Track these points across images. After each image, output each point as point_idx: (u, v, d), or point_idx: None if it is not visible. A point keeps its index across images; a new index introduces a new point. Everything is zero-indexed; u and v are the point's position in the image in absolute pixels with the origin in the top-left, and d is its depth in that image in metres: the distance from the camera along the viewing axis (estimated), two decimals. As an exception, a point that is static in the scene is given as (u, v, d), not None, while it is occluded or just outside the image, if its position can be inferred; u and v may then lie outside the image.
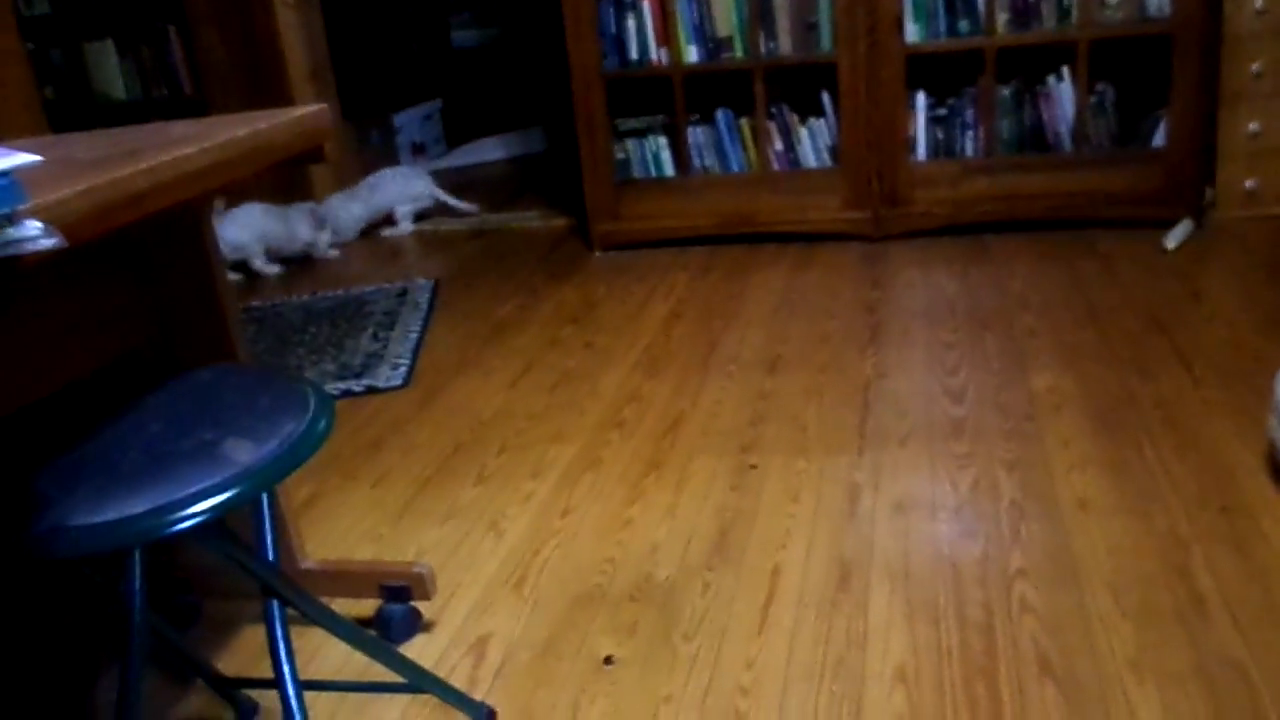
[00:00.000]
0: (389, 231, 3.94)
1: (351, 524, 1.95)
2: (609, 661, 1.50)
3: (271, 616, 1.12)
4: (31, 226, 0.79)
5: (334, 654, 1.57)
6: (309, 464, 2.26)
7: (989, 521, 1.71)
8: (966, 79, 3.12)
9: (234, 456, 1.00)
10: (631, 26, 3.23)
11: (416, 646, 1.58)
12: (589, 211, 3.40)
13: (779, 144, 3.29)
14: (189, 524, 0.94)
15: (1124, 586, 1.52)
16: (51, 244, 0.80)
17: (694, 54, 3.23)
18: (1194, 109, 2.94)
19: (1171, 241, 2.87)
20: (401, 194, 3.94)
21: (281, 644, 1.11)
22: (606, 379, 2.45)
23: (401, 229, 3.95)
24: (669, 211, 3.37)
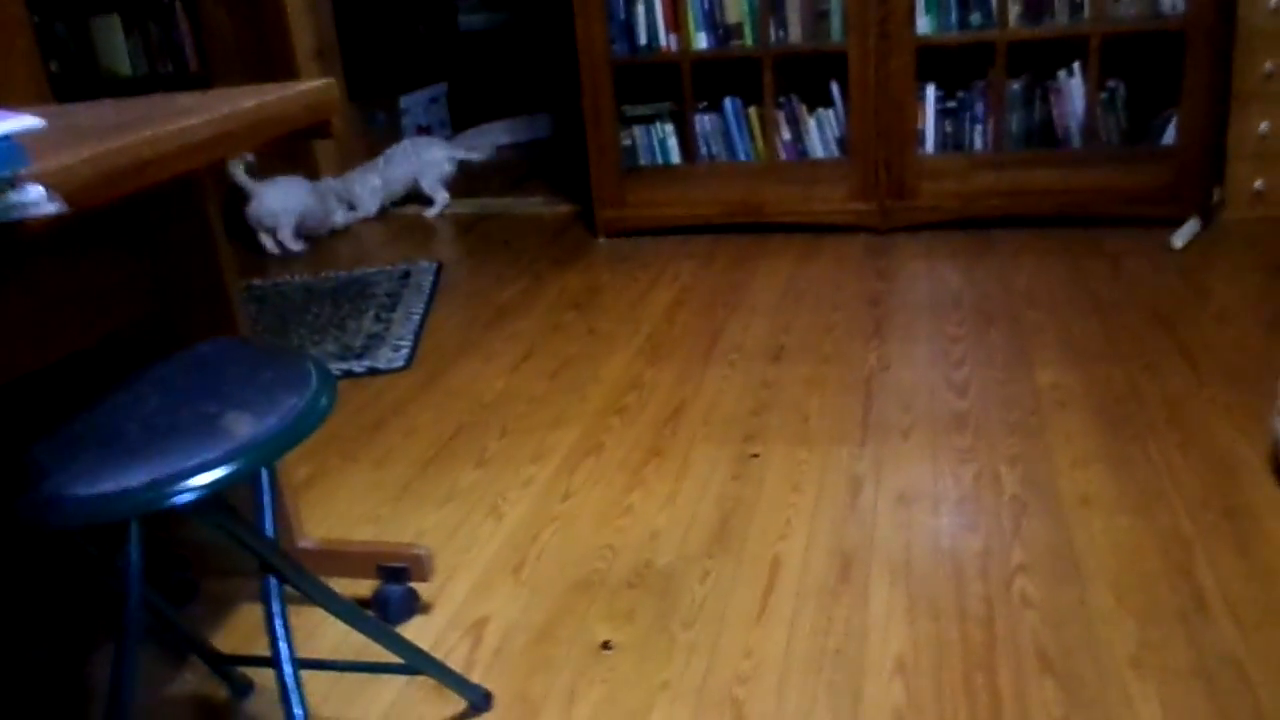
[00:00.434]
0: (429, 212, 3.91)
1: (350, 504, 1.94)
2: (607, 647, 1.49)
3: (269, 593, 1.11)
4: (34, 191, 0.78)
5: (331, 633, 1.56)
6: (308, 444, 2.25)
7: (990, 516, 1.70)
8: (977, 72, 3.10)
9: (234, 430, 0.99)
10: (641, 12, 3.21)
11: (414, 628, 1.57)
12: (594, 198, 3.39)
13: (787, 133, 3.27)
14: (188, 497, 0.93)
15: (1125, 583, 1.51)
16: (53, 209, 0.79)
17: (703, 41, 3.21)
18: (1204, 108, 2.92)
19: (1179, 240, 2.86)
20: (420, 163, 3.92)
21: (279, 621, 1.11)
22: (609, 365, 2.44)
23: (437, 204, 3.92)
24: (674, 199, 3.35)
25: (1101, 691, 1.31)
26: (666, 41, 3.23)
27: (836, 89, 3.18)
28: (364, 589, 1.64)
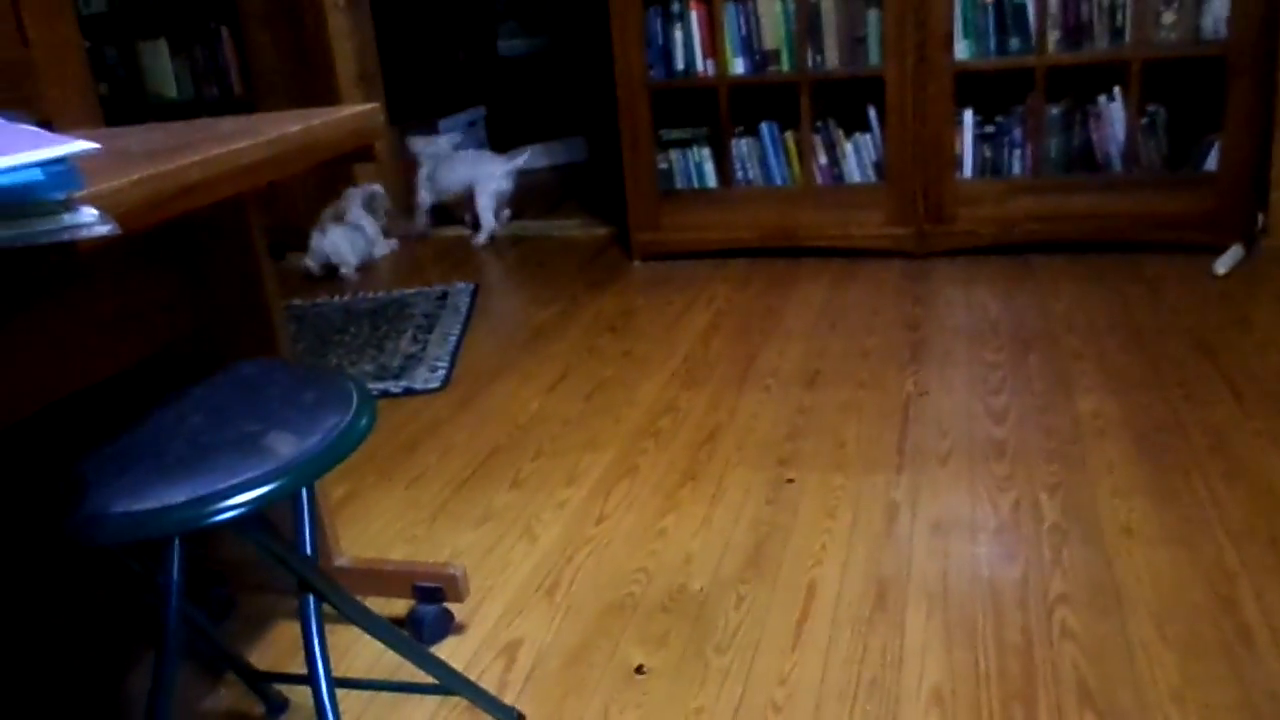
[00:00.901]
0: (478, 239, 3.91)
1: (386, 524, 1.95)
2: (640, 671, 1.48)
3: (307, 612, 1.11)
4: (87, 213, 0.80)
5: (365, 652, 1.57)
6: (345, 462, 2.27)
7: (1030, 545, 1.68)
8: (1015, 97, 3.09)
9: (277, 449, 1.00)
10: (678, 37, 3.23)
11: (447, 648, 1.57)
12: (630, 221, 3.40)
13: (823, 158, 3.27)
14: (229, 515, 0.94)
15: (1168, 616, 1.48)
16: (106, 231, 0.80)
17: (740, 66, 3.22)
18: (1247, 133, 2.89)
19: (1222, 267, 2.82)
20: (480, 173, 3.94)
21: (316, 640, 1.11)
22: (643, 388, 2.44)
23: (485, 229, 3.90)
24: (710, 223, 3.36)
25: (1144, 726, 1.29)
26: (704, 67, 3.24)
27: (874, 114, 3.18)
28: (399, 608, 1.65)
